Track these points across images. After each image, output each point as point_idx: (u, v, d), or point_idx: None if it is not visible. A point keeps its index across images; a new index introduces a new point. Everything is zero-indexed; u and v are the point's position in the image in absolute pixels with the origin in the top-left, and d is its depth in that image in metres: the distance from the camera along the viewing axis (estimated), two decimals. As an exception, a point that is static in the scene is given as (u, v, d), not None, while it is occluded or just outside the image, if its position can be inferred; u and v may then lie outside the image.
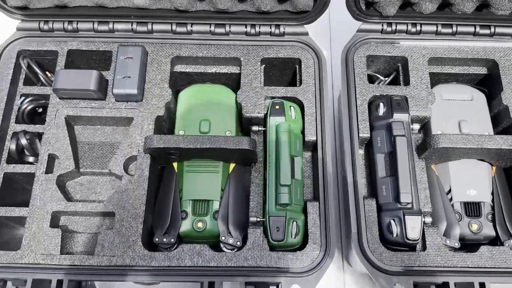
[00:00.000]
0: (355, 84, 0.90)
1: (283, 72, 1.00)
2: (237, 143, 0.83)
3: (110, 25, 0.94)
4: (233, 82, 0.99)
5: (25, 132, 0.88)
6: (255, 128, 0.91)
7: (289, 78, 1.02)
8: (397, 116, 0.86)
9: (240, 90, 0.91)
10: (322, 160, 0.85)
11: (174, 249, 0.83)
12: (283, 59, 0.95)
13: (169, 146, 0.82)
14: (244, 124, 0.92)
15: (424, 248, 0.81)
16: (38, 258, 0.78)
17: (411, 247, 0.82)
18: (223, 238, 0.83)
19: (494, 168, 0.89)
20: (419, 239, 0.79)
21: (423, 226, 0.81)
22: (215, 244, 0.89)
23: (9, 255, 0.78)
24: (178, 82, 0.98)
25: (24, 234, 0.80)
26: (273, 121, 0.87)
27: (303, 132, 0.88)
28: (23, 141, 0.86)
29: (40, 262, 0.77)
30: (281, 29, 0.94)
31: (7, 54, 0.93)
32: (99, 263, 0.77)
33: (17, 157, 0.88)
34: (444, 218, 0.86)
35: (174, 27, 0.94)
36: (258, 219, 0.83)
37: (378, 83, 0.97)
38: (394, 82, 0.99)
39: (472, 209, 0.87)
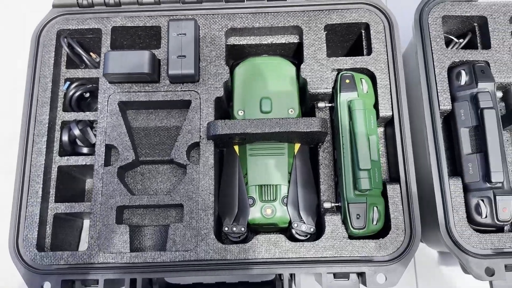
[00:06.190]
0: (431, 50, 0.81)
1: (344, 38, 0.91)
2: (308, 125, 0.76)
3: (156, -4, 0.85)
4: (291, 53, 0.91)
5: (77, 122, 0.81)
6: (321, 104, 0.83)
7: (349, 45, 0.93)
8: (482, 85, 0.78)
9: (303, 63, 0.83)
10: (401, 137, 0.78)
11: (244, 238, 0.79)
12: (347, 24, 0.85)
13: (235, 132, 0.76)
14: (307, 100, 0.85)
15: (514, 227, 0.76)
16: (108, 257, 0.74)
17: (499, 228, 0.76)
18: (295, 225, 0.78)
19: None
20: (510, 219, 0.74)
21: None
22: (282, 230, 0.85)
23: (76, 255, 0.74)
24: (230, 57, 0.89)
25: (90, 232, 0.75)
26: (344, 97, 0.79)
27: (375, 107, 0.81)
28: (76, 132, 0.80)
29: (111, 261, 0.74)
30: (346, -10, 0.84)
31: (46, 35, 0.84)
32: (173, 259, 0.73)
33: (70, 148, 0.82)
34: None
35: (225, -6, 0.85)
36: (333, 205, 0.78)
37: (452, 46, 0.88)
38: (466, 44, 0.89)
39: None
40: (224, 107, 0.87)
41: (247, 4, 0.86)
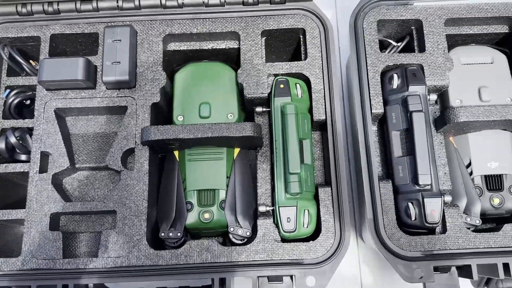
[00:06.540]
0: (365, 54, 0.82)
1: (285, 43, 0.91)
2: (240, 130, 0.77)
3: (94, 3, 0.85)
4: (233, 58, 0.91)
5: (13, 129, 0.82)
6: (258, 109, 0.84)
7: (293, 50, 0.94)
8: (413, 88, 0.79)
9: (240, 68, 0.83)
10: (333, 141, 0.79)
11: (182, 243, 0.79)
12: (285, 30, 0.86)
13: (168, 138, 0.77)
14: (246, 105, 0.86)
15: (444, 230, 0.76)
16: (41, 263, 0.74)
17: (430, 230, 0.77)
18: (231, 229, 0.79)
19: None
20: (439, 222, 0.75)
21: (443, 207, 0.76)
22: (223, 234, 0.85)
23: (9, 262, 0.74)
24: (172, 62, 0.90)
25: (24, 239, 0.76)
26: (278, 102, 0.80)
27: (310, 111, 0.82)
28: (12, 139, 0.81)
29: (43, 268, 0.74)
30: (282, -4, 0.85)
31: (-15, 43, 0.85)
32: (104, 265, 0.74)
33: (8, 155, 0.83)
34: (464, 194, 0.81)
35: (163, 0, 0.85)
36: (268, 209, 0.79)
37: (390, 50, 0.89)
38: (407, 47, 0.90)
39: (494, 182, 0.82)
40: (164, 113, 0.88)
41: (185, 10, 0.86)
